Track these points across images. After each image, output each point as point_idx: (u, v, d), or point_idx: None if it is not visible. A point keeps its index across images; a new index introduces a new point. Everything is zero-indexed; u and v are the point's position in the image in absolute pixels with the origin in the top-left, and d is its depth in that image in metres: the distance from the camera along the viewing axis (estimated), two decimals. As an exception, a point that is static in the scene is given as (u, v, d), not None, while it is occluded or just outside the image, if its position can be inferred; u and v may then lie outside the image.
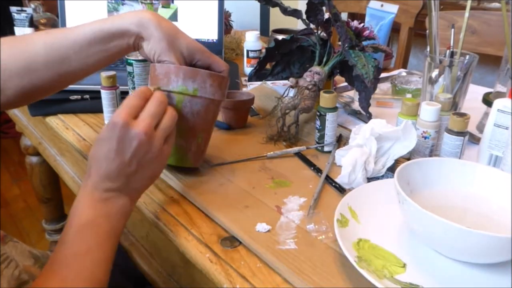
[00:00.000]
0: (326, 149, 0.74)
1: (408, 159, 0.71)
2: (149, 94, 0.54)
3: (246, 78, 0.97)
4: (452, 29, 0.81)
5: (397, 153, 0.65)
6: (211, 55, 0.63)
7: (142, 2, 1.16)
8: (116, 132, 0.49)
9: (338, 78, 0.93)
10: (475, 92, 0.92)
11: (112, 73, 0.81)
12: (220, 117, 0.81)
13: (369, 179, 0.63)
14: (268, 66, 0.90)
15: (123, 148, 0.50)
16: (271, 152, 0.71)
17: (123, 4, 1.16)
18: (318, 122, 0.73)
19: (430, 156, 0.69)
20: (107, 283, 0.49)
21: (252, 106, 0.86)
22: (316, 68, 0.76)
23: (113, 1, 1.15)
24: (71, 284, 0.45)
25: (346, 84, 0.96)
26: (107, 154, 0.50)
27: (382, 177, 0.63)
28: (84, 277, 0.46)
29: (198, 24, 1.18)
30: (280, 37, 0.85)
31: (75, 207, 0.50)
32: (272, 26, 1.96)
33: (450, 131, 0.66)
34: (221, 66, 0.63)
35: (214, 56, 0.63)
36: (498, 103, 0.64)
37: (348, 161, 0.62)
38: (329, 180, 0.64)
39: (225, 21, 1.33)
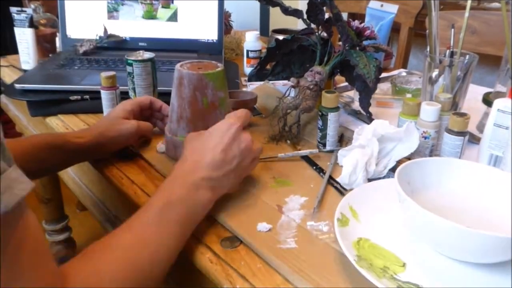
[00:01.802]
0: (327, 148, 0.74)
1: (409, 159, 0.71)
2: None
3: (246, 78, 0.97)
4: (452, 29, 0.81)
5: (399, 155, 0.65)
6: (154, 100, 0.77)
7: (141, 3, 1.16)
8: (232, 131, 0.56)
9: (338, 78, 0.93)
10: (475, 92, 0.92)
11: (112, 73, 0.81)
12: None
13: (370, 180, 0.63)
14: (268, 66, 0.90)
15: (232, 146, 0.55)
16: (283, 154, 0.70)
17: (123, 4, 1.16)
18: (320, 122, 0.73)
19: (430, 156, 0.69)
20: (172, 260, 0.50)
21: (254, 106, 0.86)
22: (317, 68, 0.76)
23: (113, 1, 1.15)
24: (142, 243, 0.47)
25: (346, 84, 0.96)
26: (215, 146, 0.55)
27: (383, 176, 0.63)
28: (156, 244, 0.48)
29: (198, 24, 1.18)
30: (280, 37, 0.85)
31: (169, 183, 0.53)
32: (272, 26, 1.96)
33: (450, 131, 0.66)
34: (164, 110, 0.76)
35: (157, 100, 0.77)
36: (498, 103, 0.64)
37: (349, 162, 0.62)
38: (331, 180, 0.64)
39: (225, 21, 1.33)
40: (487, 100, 0.80)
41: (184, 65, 0.67)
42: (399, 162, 0.68)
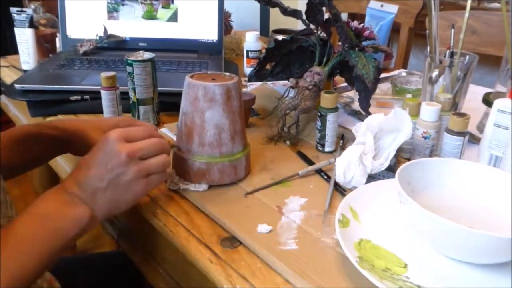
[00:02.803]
0: (326, 149, 0.74)
1: (409, 159, 0.71)
2: (155, 134, 0.57)
3: (246, 79, 0.97)
4: (452, 29, 0.81)
5: (397, 142, 0.64)
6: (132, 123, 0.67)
7: (141, 3, 1.16)
8: (103, 144, 0.51)
9: (338, 78, 0.93)
10: (475, 92, 0.92)
11: (112, 73, 0.81)
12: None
13: (372, 177, 0.63)
14: (268, 67, 0.90)
15: (102, 161, 0.51)
16: (303, 170, 0.66)
17: (123, 5, 1.16)
18: (318, 123, 0.73)
19: (430, 156, 0.69)
20: (35, 279, 0.48)
21: (252, 107, 0.85)
22: (316, 69, 0.76)
23: (113, 1, 1.15)
24: (6, 261, 0.44)
25: (346, 84, 0.96)
26: (87, 162, 0.52)
27: (383, 177, 0.63)
28: (13, 263, 0.44)
29: (198, 24, 1.18)
30: (280, 37, 0.85)
31: (41, 197, 0.50)
32: (272, 27, 1.96)
33: (450, 131, 0.66)
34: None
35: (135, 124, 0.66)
36: (498, 103, 0.64)
37: (342, 159, 0.62)
38: (335, 184, 0.64)
39: (225, 21, 1.33)
40: (487, 100, 0.80)
41: (200, 78, 0.62)
42: (398, 161, 0.69)
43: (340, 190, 0.62)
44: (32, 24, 1.11)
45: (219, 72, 0.65)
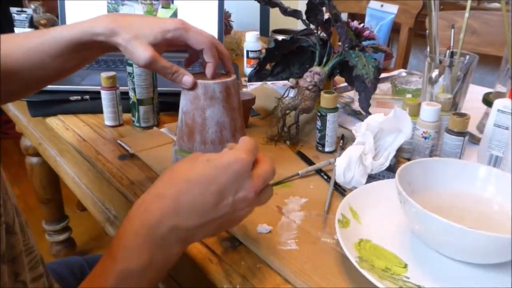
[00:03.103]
0: (326, 149, 0.74)
1: (409, 159, 0.71)
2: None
3: (246, 79, 0.97)
4: (452, 29, 0.81)
5: (397, 142, 0.64)
6: (185, 31, 0.58)
7: (141, 3, 1.16)
8: (235, 167, 0.42)
9: (338, 78, 0.93)
10: (475, 92, 0.92)
11: (112, 73, 0.81)
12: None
13: (373, 177, 0.63)
14: (268, 67, 0.90)
15: (229, 188, 0.42)
16: (303, 170, 0.66)
17: (123, 5, 1.16)
18: (318, 123, 0.73)
19: (430, 156, 0.69)
20: None
21: (252, 107, 0.85)
22: (316, 69, 0.76)
23: (113, 1, 1.15)
24: None
25: (346, 84, 0.96)
26: (204, 184, 0.41)
27: (383, 177, 0.63)
28: None
29: (198, 24, 1.18)
30: (280, 37, 0.85)
31: (124, 247, 0.40)
32: (272, 27, 1.96)
33: (450, 131, 0.66)
34: (196, 44, 0.58)
35: (189, 33, 0.58)
36: (498, 103, 0.64)
37: (342, 159, 0.62)
38: (335, 185, 0.64)
39: (225, 22, 1.33)
40: (487, 100, 0.80)
41: (199, 77, 0.60)
42: (399, 163, 0.68)
43: (340, 190, 0.62)
44: (32, 24, 1.12)
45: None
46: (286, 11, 0.78)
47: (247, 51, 1.17)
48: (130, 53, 0.57)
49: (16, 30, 1.11)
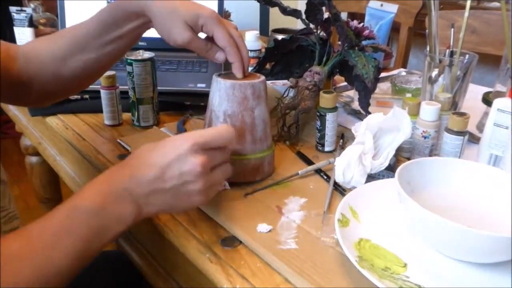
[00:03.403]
0: (326, 149, 0.74)
1: (409, 158, 0.71)
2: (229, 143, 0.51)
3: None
4: (452, 29, 0.81)
5: (397, 142, 0.64)
6: (215, 23, 0.59)
7: (141, 2, 1.16)
8: (180, 149, 0.47)
9: (337, 77, 0.93)
10: (475, 92, 0.92)
11: (111, 73, 0.81)
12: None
13: (372, 176, 0.63)
14: (267, 66, 0.90)
15: (174, 163, 0.47)
16: (303, 170, 0.67)
17: (122, 4, 1.15)
18: (318, 122, 0.73)
19: (430, 155, 0.69)
20: (66, 282, 0.44)
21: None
22: (316, 68, 0.76)
23: (112, 1, 1.15)
24: (28, 255, 0.41)
25: (345, 84, 0.96)
26: (155, 160, 0.47)
27: (383, 176, 0.63)
28: (45, 258, 0.42)
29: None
30: (279, 37, 0.85)
31: (87, 187, 0.46)
32: (272, 26, 1.96)
33: (450, 131, 0.66)
34: (219, 41, 0.59)
35: (218, 26, 0.59)
36: (498, 102, 0.64)
37: (342, 159, 0.62)
38: (335, 184, 0.64)
39: (224, 21, 1.33)
40: (487, 100, 0.80)
41: (230, 78, 0.62)
42: (398, 161, 0.69)
43: (339, 189, 0.62)
44: (31, 23, 1.11)
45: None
46: (285, 11, 0.78)
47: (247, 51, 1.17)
48: (167, 30, 0.59)
49: (16, 29, 1.11)
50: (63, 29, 0.67)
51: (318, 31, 0.80)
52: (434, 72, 0.79)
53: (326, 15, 0.77)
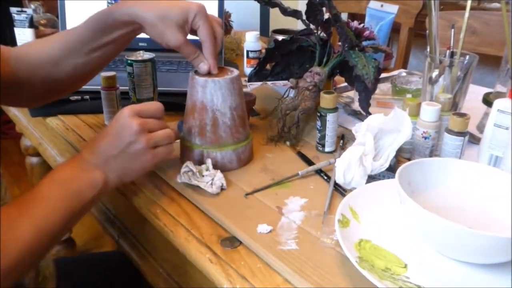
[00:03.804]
0: (326, 149, 0.74)
1: (409, 159, 0.71)
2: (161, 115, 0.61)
3: (246, 79, 0.97)
4: (452, 29, 0.81)
5: (397, 143, 0.64)
6: (201, 18, 0.63)
7: (142, 3, 1.16)
8: (120, 118, 0.57)
9: (338, 78, 0.93)
10: (475, 92, 0.92)
11: (112, 73, 0.81)
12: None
13: (373, 177, 0.63)
14: (268, 67, 0.90)
15: (115, 131, 0.56)
16: (303, 170, 0.67)
17: (123, 5, 1.16)
18: (318, 123, 0.73)
19: (430, 156, 0.69)
20: (58, 237, 0.53)
21: (253, 107, 0.85)
22: (316, 69, 0.76)
23: (112, 1, 1.15)
24: (25, 217, 0.49)
25: (346, 84, 0.96)
26: (102, 133, 0.58)
27: (384, 177, 0.63)
28: (39, 217, 0.50)
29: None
30: (280, 37, 0.85)
31: (59, 165, 0.58)
32: (272, 27, 1.96)
33: (450, 131, 0.66)
34: (200, 36, 0.63)
35: (204, 21, 0.63)
36: (498, 103, 0.64)
37: (342, 160, 0.62)
38: (335, 185, 0.64)
39: (225, 22, 1.33)
40: (487, 100, 0.80)
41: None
42: (398, 161, 0.68)
43: (340, 190, 0.62)
44: (32, 24, 1.11)
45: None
46: (286, 11, 0.78)
47: (247, 51, 1.17)
48: (160, 34, 0.62)
49: (16, 30, 1.11)
50: (56, 33, 0.69)
51: (319, 32, 0.80)
52: (435, 73, 0.79)
53: (326, 15, 0.77)
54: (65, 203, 0.52)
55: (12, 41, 1.16)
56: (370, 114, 0.81)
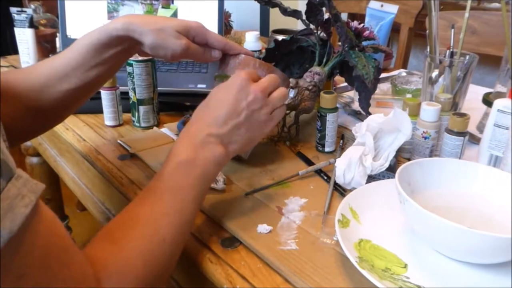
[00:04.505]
0: (326, 149, 0.74)
1: (409, 159, 0.71)
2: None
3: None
4: (452, 29, 0.81)
5: (397, 144, 0.64)
6: (206, 30, 0.62)
7: (141, 3, 1.16)
8: (238, 82, 0.54)
9: (338, 78, 0.93)
10: (475, 92, 0.92)
11: (112, 73, 0.81)
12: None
13: (372, 177, 0.63)
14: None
15: (240, 97, 0.54)
16: (303, 170, 0.67)
17: (123, 5, 1.16)
18: (318, 123, 0.73)
19: (430, 156, 0.69)
20: (192, 226, 0.51)
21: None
22: (316, 69, 0.76)
23: (113, 2, 1.15)
24: (160, 212, 0.47)
25: (346, 84, 0.96)
26: (222, 99, 0.54)
27: (384, 177, 0.63)
28: (174, 211, 0.48)
29: (198, 24, 1.18)
30: (280, 37, 0.85)
31: (175, 146, 0.52)
32: (272, 27, 1.96)
33: (450, 131, 0.66)
34: (216, 43, 0.63)
35: (209, 32, 0.63)
36: (498, 103, 0.64)
37: (342, 160, 0.62)
38: (335, 185, 0.64)
39: (225, 22, 1.33)
40: (487, 100, 0.80)
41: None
42: (398, 161, 0.69)
43: (340, 190, 0.62)
44: (32, 24, 1.11)
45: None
46: (286, 11, 0.78)
47: (247, 51, 1.17)
48: (162, 45, 0.59)
49: (16, 30, 1.11)
50: (38, 63, 0.63)
51: (318, 32, 0.80)
52: (435, 73, 0.79)
53: (326, 15, 0.77)
54: (195, 190, 0.50)
55: (12, 41, 1.16)
56: (370, 114, 0.81)
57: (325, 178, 0.66)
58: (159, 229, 0.46)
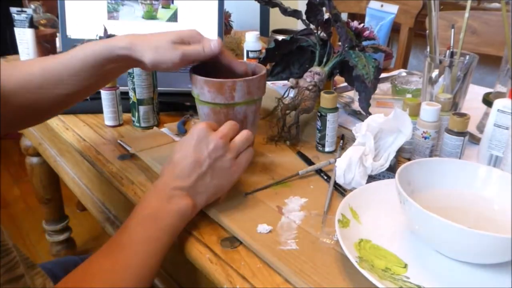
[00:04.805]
0: (327, 149, 0.74)
1: (409, 159, 0.71)
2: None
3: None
4: (452, 29, 0.81)
5: (397, 144, 0.64)
6: (200, 34, 0.64)
7: (141, 3, 1.16)
8: (197, 133, 0.55)
9: (338, 78, 0.93)
10: (475, 92, 0.92)
11: (112, 73, 0.81)
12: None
13: (373, 177, 0.63)
14: (268, 67, 0.90)
15: (200, 147, 0.54)
16: (303, 170, 0.67)
17: (123, 5, 1.16)
18: (318, 123, 0.73)
19: (430, 156, 0.69)
20: (154, 277, 0.51)
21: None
22: (316, 69, 0.76)
23: (113, 2, 1.15)
24: (121, 267, 0.47)
25: (346, 84, 0.96)
26: (184, 152, 0.55)
27: (384, 177, 0.63)
28: (136, 263, 0.48)
29: (198, 24, 1.18)
30: (280, 37, 0.85)
31: (142, 200, 0.53)
32: (272, 27, 1.96)
33: (450, 131, 0.66)
34: (216, 48, 0.63)
35: (204, 40, 0.63)
36: (498, 103, 0.64)
37: (343, 160, 0.62)
38: (335, 185, 0.64)
39: (225, 22, 1.33)
40: (487, 100, 0.80)
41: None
42: (398, 161, 0.69)
43: (340, 190, 0.62)
44: (32, 24, 1.11)
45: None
46: (286, 11, 0.78)
47: (247, 51, 1.17)
48: (162, 58, 0.60)
49: (16, 30, 1.11)
50: (34, 59, 0.64)
51: (319, 32, 0.80)
52: (435, 73, 0.79)
53: (326, 15, 0.77)
54: (159, 243, 0.50)
55: (12, 41, 1.16)
56: (370, 114, 0.80)
57: (325, 178, 0.66)
58: (119, 282, 0.47)
